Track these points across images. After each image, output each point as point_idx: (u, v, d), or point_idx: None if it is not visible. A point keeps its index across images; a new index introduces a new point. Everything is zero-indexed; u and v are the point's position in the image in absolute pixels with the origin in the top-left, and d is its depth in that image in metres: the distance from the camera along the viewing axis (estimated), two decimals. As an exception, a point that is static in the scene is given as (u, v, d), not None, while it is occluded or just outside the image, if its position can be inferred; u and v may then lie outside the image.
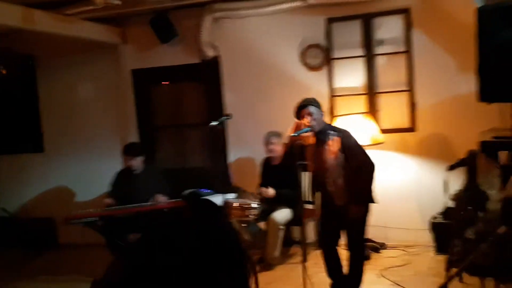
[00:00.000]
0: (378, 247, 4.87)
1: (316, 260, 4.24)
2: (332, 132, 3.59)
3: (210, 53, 5.45)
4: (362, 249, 3.83)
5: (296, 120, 3.62)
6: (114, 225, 4.72)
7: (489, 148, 3.89)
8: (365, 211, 3.63)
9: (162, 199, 4.82)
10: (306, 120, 3.56)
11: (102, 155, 5.98)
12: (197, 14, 5.27)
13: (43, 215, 6.12)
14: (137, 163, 4.95)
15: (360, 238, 3.71)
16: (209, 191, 5.11)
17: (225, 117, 4.49)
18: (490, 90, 3.21)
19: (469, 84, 4.03)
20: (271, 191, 4.53)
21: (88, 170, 6.03)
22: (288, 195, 4.57)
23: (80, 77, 6.05)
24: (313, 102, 3.64)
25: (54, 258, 5.73)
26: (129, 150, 5.01)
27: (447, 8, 4.56)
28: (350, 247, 3.67)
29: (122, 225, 4.74)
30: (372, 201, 3.65)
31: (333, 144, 3.53)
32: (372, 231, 4.90)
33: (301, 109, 3.62)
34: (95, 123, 6.04)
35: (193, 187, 5.15)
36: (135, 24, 5.70)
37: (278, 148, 4.75)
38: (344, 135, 3.58)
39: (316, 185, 3.80)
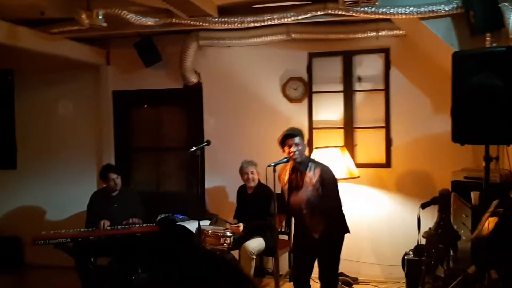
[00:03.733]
0: (351, 282, 4.88)
1: (288, 292, 4.21)
2: (311, 164, 3.64)
3: (193, 79, 5.50)
4: (335, 281, 3.83)
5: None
6: (85, 247, 4.61)
7: (460, 188, 4.01)
8: (339, 240, 3.66)
9: (135, 222, 4.76)
10: (291, 149, 3.61)
11: (77, 175, 5.88)
12: (182, 41, 5.33)
13: (10, 233, 5.94)
14: (119, 182, 4.91)
15: (334, 269, 3.72)
16: (183, 216, 5.06)
17: (204, 144, 4.51)
18: (463, 132, 3.32)
19: (444, 124, 4.16)
20: (240, 227, 4.51)
21: (61, 190, 5.90)
22: (258, 227, 4.56)
23: (59, 95, 5.99)
24: (300, 133, 3.69)
25: (19, 278, 5.54)
26: (112, 168, 4.98)
27: (426, 51, 4.73)
28: (322, 278, 3.67)
29: (93, 247, 4.64)
30: (346, 231, 3.69)
31: (313, 176, 3.57)
32: (345, 265, 4.92)
33: (287, 138, 3.65)
34: (71, 143, 5.96)
35: (168, 211, 5.11)
36: (120, 46, 5.72)
37: (253, 177, 4.77)
38: (323, 168, 3.63)
39: (292, 215, 3.81)
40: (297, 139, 3.63)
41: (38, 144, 6.06)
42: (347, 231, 3.71)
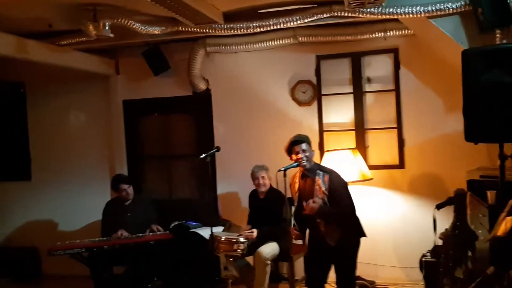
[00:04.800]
0: (368, 285, 4.82)
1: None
2: (319, 172, 3.60)
3: (201, 86, 5.51)
4: (352, 286, 3.78)
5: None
6: (99, 256, 4.64)
7: (476, 187, 3.94)
8: (355, 245, 3.62)
9: (157, 228, 4.77)
10: (298, 156, 3.58)
11: (90, 185, 5.92)
12: (189, 48, 5.34)
13: (28, 244, 5.99)
14: (131, 191, 4.93)
15: (351, 274, 3.67)
16: (196, 223, 5.07)
17: (214, 150, 4.50)
18: (475, 130, 3.27)
19: (456, 123, 4.10)
20: (254, 234, 4.49)
21: (75, 200, 5.95)
22: (271, 232, 4.53)
23: (70, 106, 6.05)
24: (306, 139, 3.67)
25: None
26: (123, 179, 5.00)
27: (435, 49, 4.68)
28: (340, 284, 3.63)
29: (108, 257, 4.67)
30: (362, 235, 3.65)
31: (322, 184, 3.53)
32: (362, 268, 4.85)
33: (294, 145, 3.63)
34: (84, 152, 6.01)
35: (180, 219, 5.12)
36: (128, 55, 5.75)
37: (265, 182, 4.74)
38: (332, 175, 3.60)
39: (305, 223, 3.77)
40: (304, 146, 3.61)
41: (51, 155, 6.12)
42: (363, 234, 3.67)
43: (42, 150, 6.15)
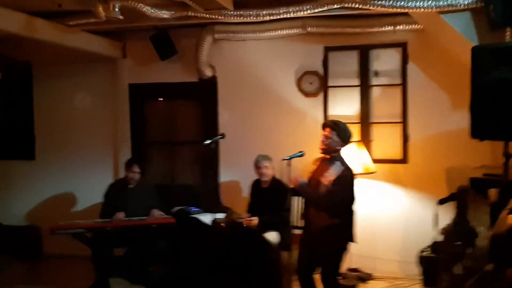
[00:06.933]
0: (366, 278, 4.85)
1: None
2: (338, 163, 3.59)
3: (208, 72, 5.50)
4: (335, 286, 3.71)
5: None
6: (102, 238, 4.67)
7: (478, 185, 3.94)
8: (341, 247, 3.61)
9: (158, 214, 4.80)
10: (322, 138, 3.63)
11: (94, 167, 5.95)
12: (197, 34, 5.33)
13: (30, 223, 6.05)
14: (139, 177, 4.97)
15: (332, 272, 3.64)
16: (198, 209, 5.09)
17: (219, 137, 4.51)
18: (481, 127, 3.27)
19: (462, 120, 4.08)
20: (254, 221, 4.51)
21: (78, 181, 5.98)
22: (272, 221, 4.55)
23: (76, 87, 6.05)
24: (334, 127, 3.63)
25: (36, 268, 5.64)
26: (139, 162, 5.05)
27: (444, 45, 4.66)
28: (322, 278, 3.63)
29: (110, 238, 4.70)
30: (350, 239, 3.63)
31: (332, 174, 3.54)
32: (360, 261, 4.90)
33: (323, 127, 3.69)
34: (88, 134, 6.02)
35: (182, 204, 5.14)
36: (136, 39, 5.75)
37: (268, 172, 4.75)
38: (346, 171, 3.57)
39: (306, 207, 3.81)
40: (328, 131, 3.61)
41: (56, 135, 6.14)
42: (351, 239, 3.63)
43: (47, 130, 6.17)
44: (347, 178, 3.56)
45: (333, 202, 3.51)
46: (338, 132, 3.60)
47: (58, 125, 6.12)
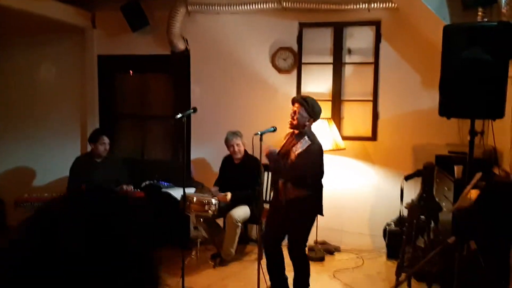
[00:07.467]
0: (333, 250, 4.97)
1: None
2: (306, 138, 3.63)
3: (180, 45, 5.40)
4: (301, 257, 3.74)
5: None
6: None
7: (444, 162, 4.07)
8: (307, 218, 3.67)
9: (127, 189, 4.74)
10: (291, 112, 3.66)
11: (60, 140, 5.81)
12: (170, 5, 5.21)
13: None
14: (108, 148, 4.86)
15: (299, 243, 3.70)
16: (168, 184, 5.07)
17: (191, 111, 4.46)
18: (450, 106, 3.34)
19: (431, 99, 4.20)
20: (228, 196, 4.53)
21: (44, 154, 5.84)
22: (245, 196, 4.59)
23: (43, 58, 5.85)
24: (303, 102, 3.64)
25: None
26: (106, 132, 4.91)
27: (417, 25, 4.71)
28: (289, 249, 3.70)
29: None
30: (318, 212, 3.70)
31: (299, 148, 3.58)
32: (328, 234, 5.02)
33: (292, 102, 3.72)
34: (55, 107, 5.86)
35: (152, 178, 5.10)
36: (106, 9, 5.57)
37: (240, 149, 4.76)
38: (313, 146, 3.60)
39: (274, 181, 3.86)
40: (297, 106, 3.64)
41: (21, 107, 5.95)
42: (319, 212, 3.69)
43: (11, 101, 5.96)
44: (313, 152, 3.61)
45: (298, 175, 3.56)
46: (306, 107, 3.63)
47: (22, 97, 5.93)
